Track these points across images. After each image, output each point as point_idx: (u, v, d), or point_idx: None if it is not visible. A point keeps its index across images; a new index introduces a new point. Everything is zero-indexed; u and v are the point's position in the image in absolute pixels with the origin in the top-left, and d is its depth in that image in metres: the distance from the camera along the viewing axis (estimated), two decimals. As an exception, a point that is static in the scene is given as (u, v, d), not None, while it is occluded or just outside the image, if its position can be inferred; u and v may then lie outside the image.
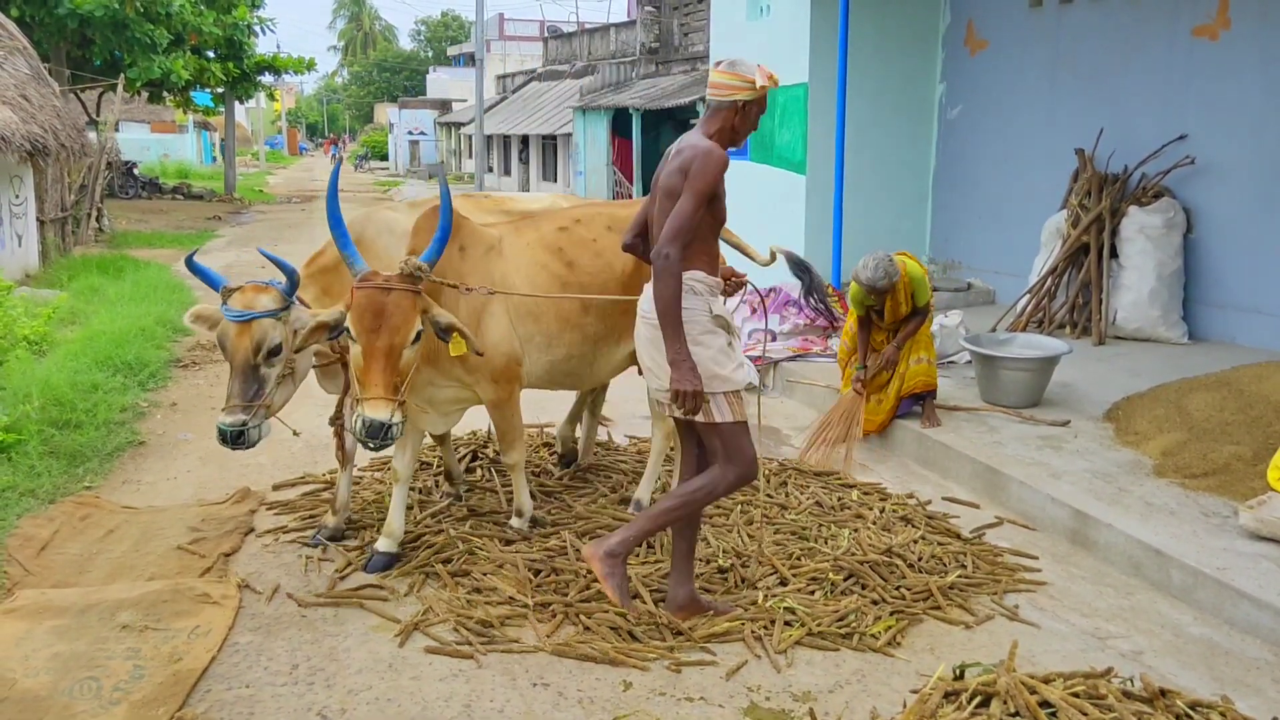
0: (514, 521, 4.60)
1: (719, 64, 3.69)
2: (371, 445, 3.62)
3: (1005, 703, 1.89)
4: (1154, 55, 8.13)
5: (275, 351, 3.91)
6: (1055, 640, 3.77)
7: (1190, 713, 1.94)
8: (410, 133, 48.96)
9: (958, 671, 2.18)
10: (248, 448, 3.90)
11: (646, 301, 3.67)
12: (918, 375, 5.92)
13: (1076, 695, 1.95)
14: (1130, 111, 8.31)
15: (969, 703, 1.91)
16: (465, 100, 42.92)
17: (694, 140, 3.63)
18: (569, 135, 24.86)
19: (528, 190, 30.57)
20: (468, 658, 3.56)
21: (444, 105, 47.81)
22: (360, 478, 5.31)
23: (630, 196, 21.29)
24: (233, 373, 3.87)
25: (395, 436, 3.63)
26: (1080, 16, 8.77)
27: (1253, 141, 7.49)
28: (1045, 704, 1.91)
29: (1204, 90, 7.78)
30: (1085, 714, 1.86)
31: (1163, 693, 1.99)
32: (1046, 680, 2.01)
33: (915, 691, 2.30)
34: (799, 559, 4.31)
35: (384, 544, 4.28)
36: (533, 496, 4.81)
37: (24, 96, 11.12)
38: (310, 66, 28.15)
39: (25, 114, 10.80)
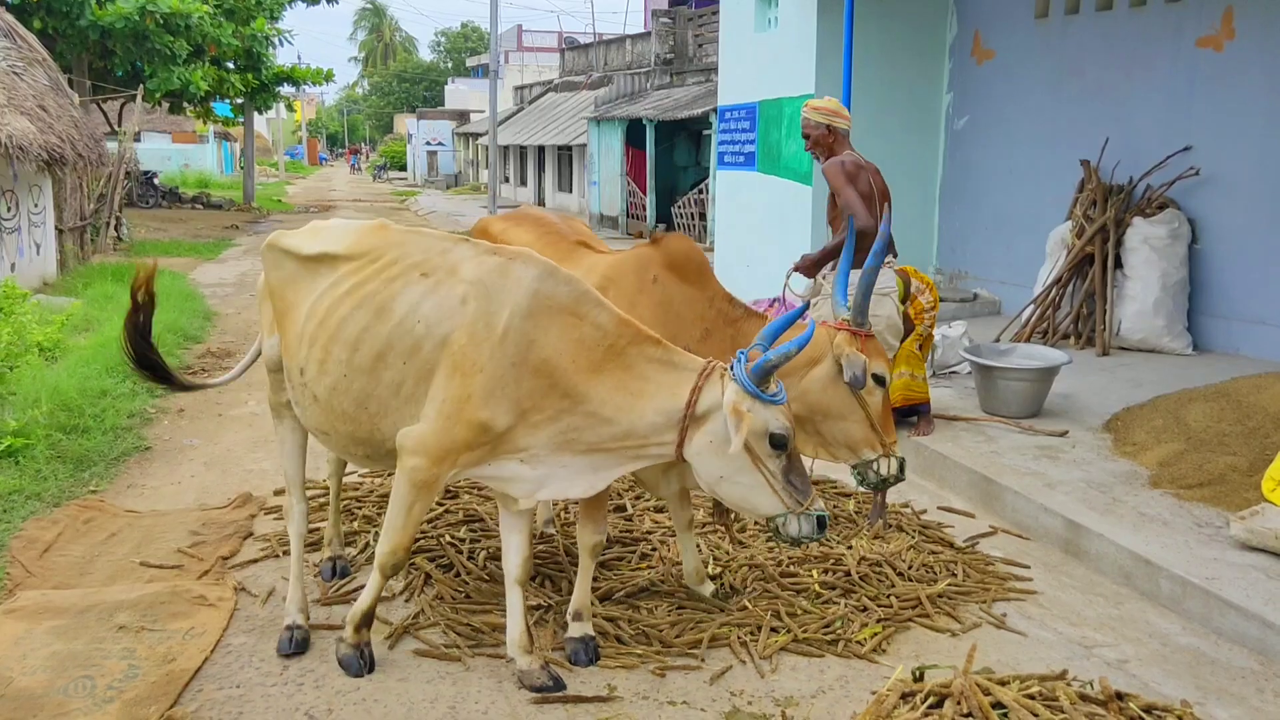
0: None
1: (833, 100, 5.11)
2: (890, 484, 3.66)
3: (959, 703, 1.92)
4: (1158, 66, 8.14)
5: None
6: (1041, 648, 3.79)
7: (1144, 715, 1.96)
8: (428, 143, 49.29)
9: (917, 673, 2.22)
10: None
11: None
12: (895, 389, 5.90)
13: (1031, 697, 1.98)
14: (1135, 122, 8.32)
15: (923, 703, 1.95)
16: (483, 111, 43.15)
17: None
18: (584, 146, 24.98)
19: (543, 202, 30.74)
20: (455, 660, 3.61)
21: (462, 116, 48.13)
22: (359, 484, 5.38)
23: (644, 207, 21.36)
24: (798, 455, 3.26)
25: None
26: (1085, 27, 8.79)
27: (1257, 152, 7.48)
28: (998, 705, 1.94)
29: (1208, 101, 7.78)
30: (1036, 715, 1.89)
31: (1119, 696, 2.01)
32: (1002, 682, 2.03)
33: (874, 692, 2.34)
34: (789, 567, 4.34)
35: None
36: None
37: (42, 107, 11.29)
38: (329, 78, 28.43)
39: (43, 124, 10.96)
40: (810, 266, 5.10)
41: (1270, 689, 3.52)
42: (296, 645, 3.66)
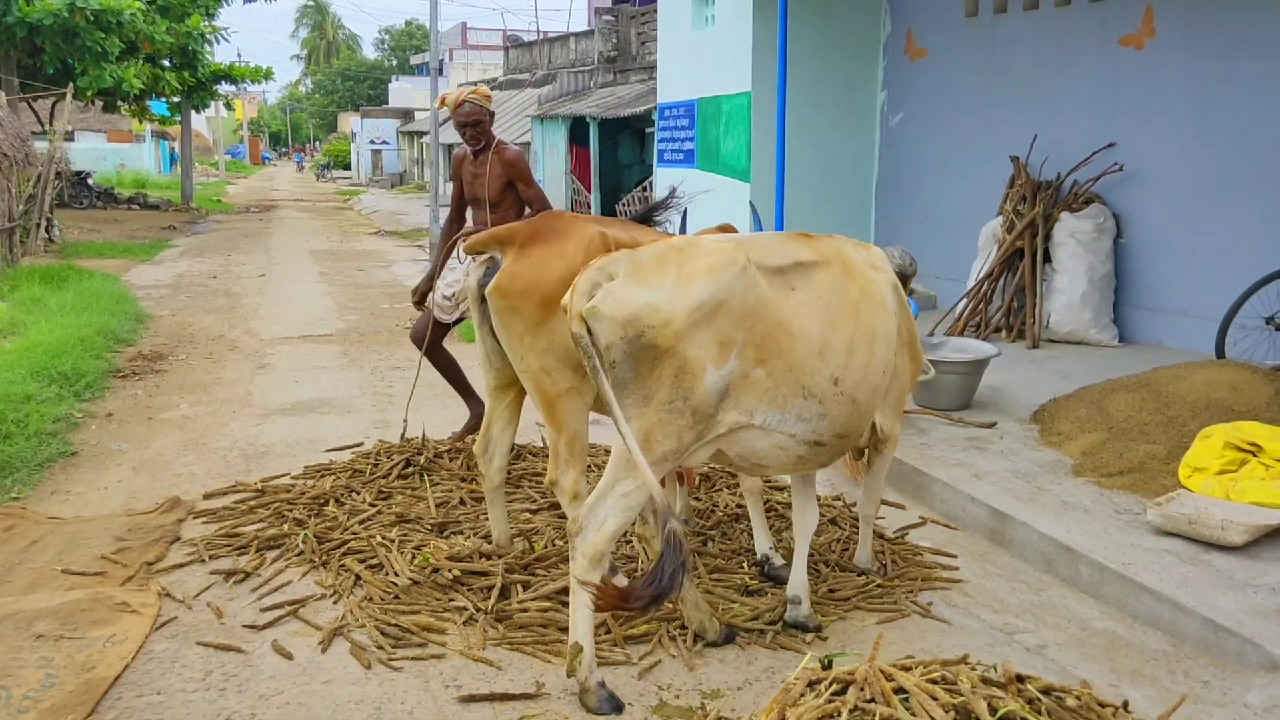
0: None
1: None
2: None
3: (862, 689, 1.96)
4: (1084, 64, 8.32)
5: None
6: (964, 635, 3.86)
7: (1041, 697, 2.02)
8: (373, 142, 48.79)
9: (825, 662, 2.26)
10: None
11: None
12: None
13: (934, 682, 2.02)
14: (1062, 119, 8.50)
15: (827, 690, 1.99)
16: (427, 109, 42.83)
17: None
18: (528, 144, 24.88)
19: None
20: (382, 662, 3.59)
21: (406, 114, 47.68)
22: (291, 485, 5.31)
23: (588, 205, 21.35)
24: None
25: None
26: (1014, 26, 8.96)
27: (1177, 148, 7.68)
28: (900, 690, 1.98)
29: (1131, 98, 7.97)
30: (935, 699, 1.94)
31: (1020, 678, 2.07)
32: (906, 668, 2.08)
33: (783, 682, 2.39)
34: (718, 562, 4.38)
35: None
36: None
37: (-35, 106, 10.99)
38: (268, 76, 28.05)
39: (-34, 124, 10.68)
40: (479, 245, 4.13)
41: (1181, 670, 3.63)
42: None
